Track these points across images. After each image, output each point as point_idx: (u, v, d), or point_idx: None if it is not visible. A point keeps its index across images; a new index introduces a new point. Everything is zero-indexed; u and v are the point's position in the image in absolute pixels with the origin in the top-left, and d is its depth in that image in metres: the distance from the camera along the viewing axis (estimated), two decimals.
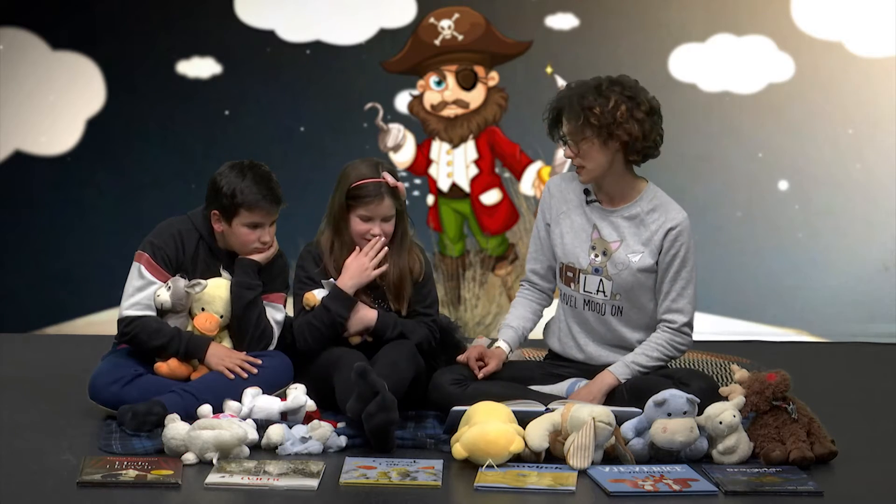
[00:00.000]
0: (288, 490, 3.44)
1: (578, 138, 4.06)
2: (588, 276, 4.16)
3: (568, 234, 4.19)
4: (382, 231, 4.22)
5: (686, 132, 6.36)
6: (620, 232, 4.14)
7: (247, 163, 4.26)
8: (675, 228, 4.11)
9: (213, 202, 4.23)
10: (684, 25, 6.37)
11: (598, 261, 4.13)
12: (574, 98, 4.06)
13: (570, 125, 4.07)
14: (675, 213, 4.14)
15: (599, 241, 4.14)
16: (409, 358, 4.14)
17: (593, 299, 4.16)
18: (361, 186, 4.21)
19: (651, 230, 4.12)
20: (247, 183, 4.19)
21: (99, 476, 3.46)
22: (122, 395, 4.08)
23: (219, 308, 4.26)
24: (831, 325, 6.26)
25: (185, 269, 4.25)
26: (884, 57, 6.31)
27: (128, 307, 4.21)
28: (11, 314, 6.38)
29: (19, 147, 6.48)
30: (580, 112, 4.03)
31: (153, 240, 4.26)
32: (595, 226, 4.16)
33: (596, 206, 4.18)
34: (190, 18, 6.48)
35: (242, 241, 4.25)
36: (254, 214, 4.21)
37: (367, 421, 3.72)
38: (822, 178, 6.35)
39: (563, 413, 3.71)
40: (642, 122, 4.06)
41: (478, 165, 6.43)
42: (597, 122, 4.03)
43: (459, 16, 6.40)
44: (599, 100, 4.04)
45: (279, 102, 6.44)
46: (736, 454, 3.72)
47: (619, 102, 4.04)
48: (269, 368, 4.21)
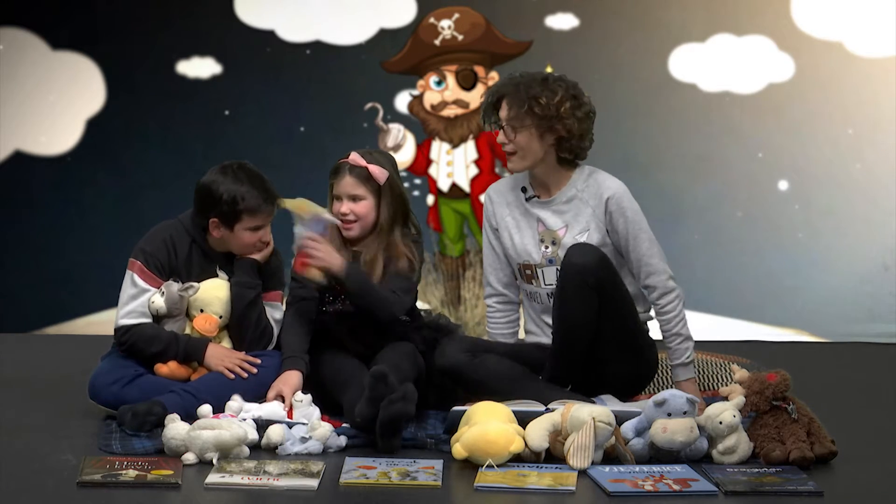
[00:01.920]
0: (288, 490, 3.44)
1: (517, 125, 4.13)
2: (545, 269, 4.21)
3: (515, 233, 4.25)
4: (351, 211, 4.26)
5: (686, 132, 6.36)
6: (564, 217, 4.20)
7: (236, 165, 4.25)
8: (613, 196, 4.17)
9: (212, 210, 4.20)
10: (684, 25, 6.37)
11: (550, 251, 4.18)
12: (521, 86, 4.13)
13: (512, 111, 4.13)
14: (610, 181, 4.21)
15: (546, 233, 4.20)
16: (411, 359, 4.16)
17: (555, 290, 4.17)
18: (335, 165, 4.31)
19: (591, 205, 4.18)
20: (246, 188, 4.19)
21: (99, 476, 3.46)
22: (122, 395, 4.09)
23: (217, 309, 4.26)
24: (831, 325, 6.26)
25: (178, 273, 4.24)
26: (884, 57, 6.31)
27: (123, 316, 4.21)
28: (11, 314, 6.38)
29: (19, 147, 6.49)
30: (525, 100, 4.10)
31: (144, 247, 4.25)
32: (538, 218, 4.22)
33: (535, 201, 4.24)
34: (190, 18, 6.48)
35: (244, 244, 4.25)
36: (256, 218, 4.22)
37: (385, 409, 3.71)
38: (822, 178, 6.35)
39: (563, 413, 3.71)
40: (581, 122, 4.14)
41: (478, 165, 6.44)
42: (540, 112, 4.10)
43: (459, 16, 6.40)
44: (546, 92, 4.11)
45: (279, 102, 6.44)
46: (736, 454, 3.72)
47: (564, 98, 4.12)
48: (270, 368, 4.22)
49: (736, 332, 6.22)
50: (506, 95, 4.16)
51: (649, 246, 4.18)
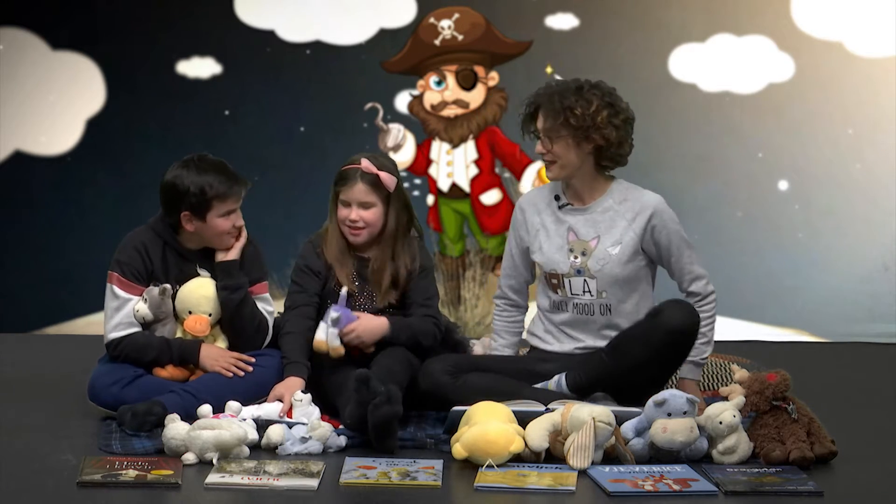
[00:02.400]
0: (288, 490, 3.44)
1: (554, 136, 4.13)
2: (572, 279, 4.19)
3: (545, 242, 4.24)
4: (361, 218, 4.25)
5: (686, 132, 6.36)
6: (597, 227, 4.19)
7: (196, 157, 4.27)
8: (656, 211, 4.17)
9: (181, 204, 4.20)
10: (684, 25, 6.37)
11: (579, 262, 4.18)
12: (555, 96, 4.12)
13: (548, 122, 4.13)
14: (649, 196, 4.22)
15: (577, 243, 4.19)
16: (404, 363, 4.16)
17: (580, 301, 4.19)
18: (343, 171, 4.28)
19: (627, 219, 4.17)
20: (210, 176, 4.20)
21: (99, 476, 3.46)
22: (122, 396, 4.09)
23: (206, 308, 4.25)
24: (831, 325, 6.26)
25: (157, 277, 4.24)
26: (884, 57, 6.31)
27: (111, 330, 4.21)
28: (11, 314, 6.38)
29: (19, 147, 6.48)
30: (560, 111, 4.09)
31: (119, 257, 4.25)
32: (570, 228, 4.20)
33: (568, 209, 4.23)
34: (190, 18, 6.47)
35: (219, 232, 4.24)
36: (227, 203, 4.22)
37: (371, 413, 3.72)
38: (822, 178, 6.35)
39: (563, 413, 3.71)
40: (619, 129, 4.13)
41: (478, 165, 6.43)
42: (575, 123, 4.09)
43: (459, 16, 6.40)
44: (580, 101, 4.10)
45: (279, 102, 6.44)
46: (736, 454, 3.72)
47: (601, 107, 4.11)
48: (268, 368, 4.21)
49: (736, 332, 6.21)
50: (541, 106, 4.15)
51: (690, 254, 4.21)
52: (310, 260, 4.32)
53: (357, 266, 4.31)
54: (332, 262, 4.30)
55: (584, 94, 4.11)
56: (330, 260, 4.30)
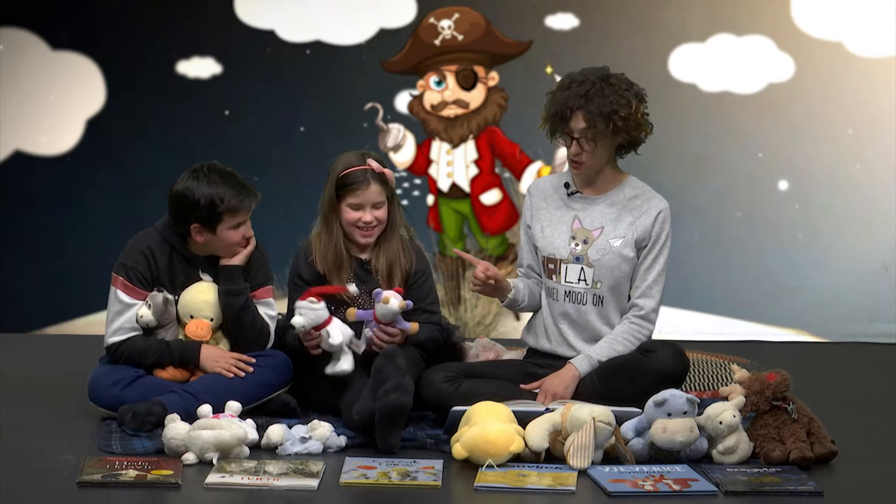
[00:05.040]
0: (288, 490, 3.44)
1: (599, 138, 4.07)
2: (569, 266, 4.19)
3: (547, 227, 4.23)
4: (374, 218, 4.24)
5: (686, 132, 6.36)
6: (603, 219, 4.18)
7: (206, 167, 4.21)
8: (662, 213, 4.17)
9: (191, 216, 4.16)
10: (684, 25, 6.37)
11: (579, 249, 4.17)
12: (595, 100, 4.04)
13: (595, 126, 4.04)
14: (660, 199, 4.21)
15: (580, 231, 4.18)
16: (413, 363, 4.14)
17: (574, 289, 4.17)
18: (349, 174, 4.24)
19: (634, 215, 4.17)
20: (222, 189, 4.15)
21: (99, 476, 3.46)
22: (122, 396, 4.08)
23: (207, 313, 4.25)
24: (831, 325, 6.26)
25: (161, 282, 4.22)
26: (884, 57, 6.31)
27: (112, 334, 4.20)
28: (11, 314, 6.38)
29: (19, 147, 6.49)
30: (608, 115, 4.03)
31: (124, 260, 4.22)
32: (577, 216, 4.20)
33: (578, 197, 4.22)
34: (190, 18, 6.48)
35: (229, 243, 4.23)
36: (238, 216, 4.19)
37: (381, 399, 3.72)
38: (822, 178, 6.35)
39: (563, 413, 3.71)
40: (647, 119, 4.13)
41: (478, 165, 6.44)
42: (623, 126, 4.06)
43: (459, 16, 6.40)
44: (622, 101, 4.05)
45: (279, 102, 6.44)
46: (736, 454, 3.72)
47: (638, 105, 4.08)
48: (267, 368, 4.21)
49: (736, 332, 6.22)
50: (579, 109, 4.05)
51: (659, 273, 4.17)
52: (302, 270, 4.31)
53: (356, 268, 4.30)
54: (327, 268, 4.27)
55: (622, 93, 4.05)
56: (324, 267, 4.28)
